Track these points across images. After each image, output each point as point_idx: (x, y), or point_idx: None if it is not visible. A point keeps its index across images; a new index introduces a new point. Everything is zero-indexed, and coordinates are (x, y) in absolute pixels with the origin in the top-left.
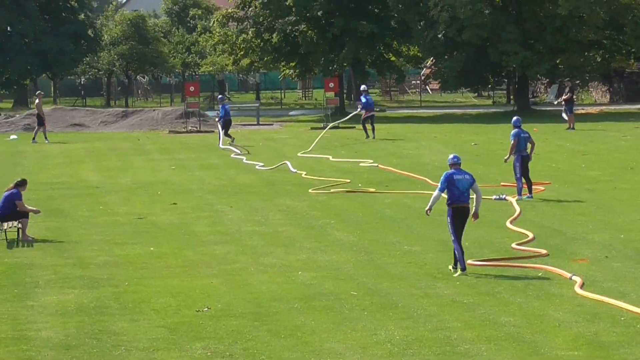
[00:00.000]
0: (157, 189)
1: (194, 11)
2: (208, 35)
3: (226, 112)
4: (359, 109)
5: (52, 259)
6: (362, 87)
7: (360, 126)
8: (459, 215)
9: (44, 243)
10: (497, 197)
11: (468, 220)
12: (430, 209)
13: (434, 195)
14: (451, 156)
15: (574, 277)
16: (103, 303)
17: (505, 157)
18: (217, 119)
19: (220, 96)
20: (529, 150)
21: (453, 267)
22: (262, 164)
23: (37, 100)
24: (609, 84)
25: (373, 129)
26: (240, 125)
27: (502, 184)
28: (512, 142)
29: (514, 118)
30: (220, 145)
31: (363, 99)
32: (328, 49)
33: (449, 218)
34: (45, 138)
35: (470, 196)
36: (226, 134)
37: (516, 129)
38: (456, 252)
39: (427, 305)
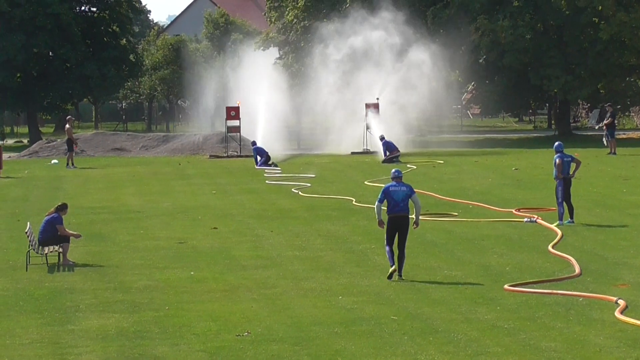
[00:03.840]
0: (197, 213)
1: (235, 35)
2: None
3: (259, 152)
4: (387, 155)
5: (93, 283)
6: (380, 135)
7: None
8: (394, 224)
9: (84, 267)
10: (528, 220)
11: (410, 229)
12: (379, 220)
13: (375, 207)
14: (393, 170)
15: (619, 301)
16: (144, 327)
17: (570, 175)
18: (257, 167)
19: (252, 141)
20: (572, 170)
21: (388, 277)
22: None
23: (67, 125)
24: None
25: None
26: (281, 149)
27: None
28: (557, 162)
29: (556, 143)
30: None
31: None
32: None
33: (387, 226)
34: (72, 163)
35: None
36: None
37: (558, 154)
38: (387, 254)
39: (468, 330)
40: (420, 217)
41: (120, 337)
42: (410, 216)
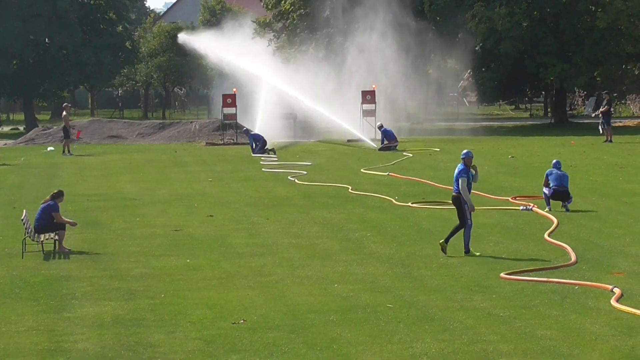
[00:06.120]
0: (194, 201)
1: (231, 23)
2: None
3: (255, 138)
4: (384, 144)
5: (89, 271)
6: (379, 124)
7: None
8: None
9: (80, 255)
10: (524, 208)
11: (466, 209)
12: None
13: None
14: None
15: (615, 289)
16: (139, 315)
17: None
18: (254, 154)
19: (244, 129)
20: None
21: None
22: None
23: (64, 113)
24: None
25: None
26: (277, 137)
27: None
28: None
29: (554, 161)
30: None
31: (382, 134)
32: None
33: None
34: (69, 151)
35: None
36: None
37: (554, 169)
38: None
39: (464, 318)
40: (416, 205)
41: (116, 324)
42: None
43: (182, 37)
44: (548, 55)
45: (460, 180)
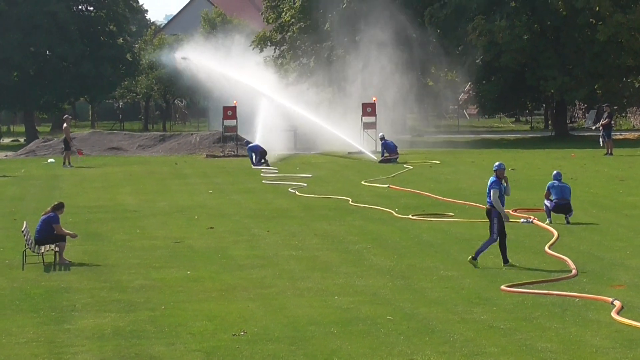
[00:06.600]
0: (194, 212)
1: (232, 35)
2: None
3: (254, 150)
4: (384, 156)
5: (89, 283)
6: (380, 135)
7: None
8: None
9: (81, 266)
10: (525, 220)
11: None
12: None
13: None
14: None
15: (615, 302)
16: (140, 327)
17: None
18: (254, 166)
19: (245, 141)
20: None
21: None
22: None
23: (64, 125)
24: None
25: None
26: (278, 149)
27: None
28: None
29: (555, 172)
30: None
31: (383, 146)
32: None
33: None
34: (69, 163)
35: None
36: (263, 164)
37: (554, 181)
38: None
39: (464, 330)
40: (417, 217)
41: (116, 336)
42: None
43: (181, 58)
44: (548, 68)
45: (492, 192)
